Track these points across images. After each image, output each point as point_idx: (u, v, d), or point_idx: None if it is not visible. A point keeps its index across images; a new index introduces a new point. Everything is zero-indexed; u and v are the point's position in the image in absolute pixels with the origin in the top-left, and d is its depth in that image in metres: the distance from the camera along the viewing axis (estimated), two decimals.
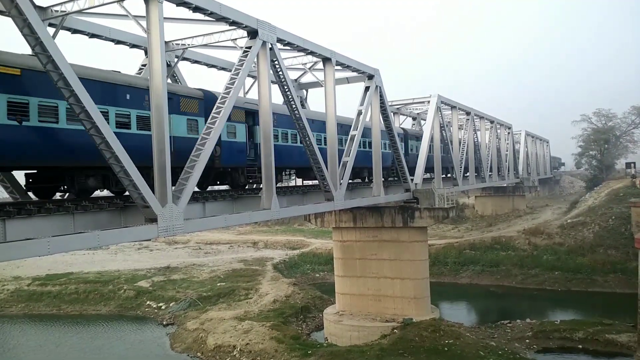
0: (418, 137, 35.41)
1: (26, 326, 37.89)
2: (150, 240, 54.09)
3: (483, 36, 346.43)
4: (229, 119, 17.10)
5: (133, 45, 21.36)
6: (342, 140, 25.05)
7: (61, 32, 17.80)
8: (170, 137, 14.24)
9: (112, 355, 30.78)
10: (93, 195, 15.52)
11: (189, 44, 21.46)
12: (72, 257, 54.60)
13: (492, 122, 54.14)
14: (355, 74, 26.08)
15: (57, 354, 31.57)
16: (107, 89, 14.59)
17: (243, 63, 16.73)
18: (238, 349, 28.45)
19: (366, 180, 30.91)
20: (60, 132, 13.17)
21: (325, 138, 23.45)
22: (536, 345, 28.82)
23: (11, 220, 11.45)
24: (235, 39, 19.32)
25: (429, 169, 35.72)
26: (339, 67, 23.67)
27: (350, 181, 25.41)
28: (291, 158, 23.51)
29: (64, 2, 15.89)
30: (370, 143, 27.71)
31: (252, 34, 17.24)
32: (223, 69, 26.13)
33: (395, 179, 32.88)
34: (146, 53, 19.14)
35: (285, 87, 19.29)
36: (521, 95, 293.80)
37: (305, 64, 27.37)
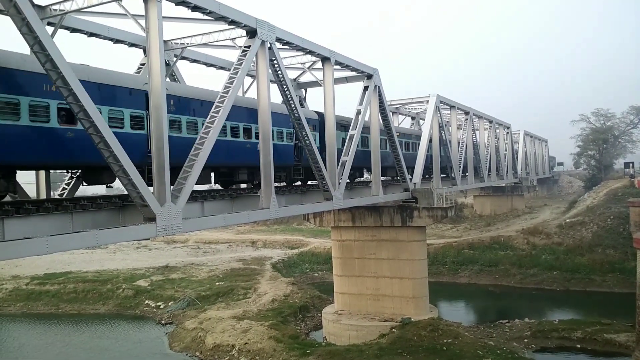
0: (347, 127, 25.57)
1: (26, 325, 37.84)
2: (149, 239, 54.04)
3: (480, 35, 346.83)
4: None
5: (132, 44, 21.36)
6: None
7: (60, 30, 17.80)
8: None
9: (111, 354, 30.77)
10: (91, 195, 15.53)
11: (187, 43, 21.45)
12: (71, 256, 54.56)
13: (490, 121, 54.18)
14: (354, 73, 26.08)
15: (65, 353, 31.53)
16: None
17: (242, 62, 16.72)
18: (237, 348, 28.45)
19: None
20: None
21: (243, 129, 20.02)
22: (534, 345, 28.87)
23: (10, 220, 11.44)
24: (234, 38, 19.34)
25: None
26: (337, 67, 23.67)
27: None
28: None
29: (63, 1, 15.88)
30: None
31: (251, 33, 17.24)
32: (222, 68, 26.12)
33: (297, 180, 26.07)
34: (145, 52, 19.12)
35: (284, 87, 19.29)
36: (520, 94, 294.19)
37: (304, 63, 27.38)
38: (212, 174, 20.40)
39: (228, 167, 20.22)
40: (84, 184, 16.51)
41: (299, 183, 25.62)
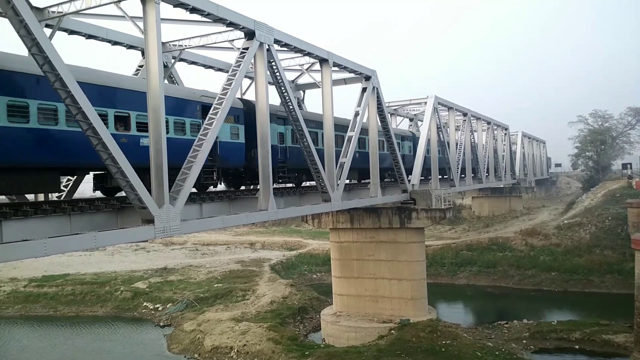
0: (285, 119, 22.36)
1: (25, 328, 37.70)
2: (147, 241, 54.04)
3: (478, 37, 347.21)
4: None
5: (130, 46, 21.36)
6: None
7: (58, 33, 17.79)
8: None
9: (113, 356, 30.76)
10: (89, 197, 15.51)
11: (186, 45, 21.45)
12: (69, 258, 54.45)
13: (488, 123, 54.27)
14: (352, 75, 26.11)
15: (68, 356, 31.45)
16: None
17: (240, 64, 16.74)
18: (235, 350, 28.42)
19: None
20: None
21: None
22: (533, 346, 28.87)
23: (8, 222, 11.44)
24: (233, 40, 19.33)
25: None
26: (336, 68, 23.69)
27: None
28: None
29: (61, 3, 15.86)
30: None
31: (249, 35, 17.26)
32: (220, 70, 26.14)
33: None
34: (143, 54, 19.12)
35: (283, 88, 19.31)
36: (518, 96, 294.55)
37: (303, 65, 27.41)
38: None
39: (67, 167, 14.57)
40: None
41: (216, 188, 21.01)
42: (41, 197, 16.09)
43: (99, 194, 16.65)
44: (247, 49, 17.10)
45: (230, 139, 19.44)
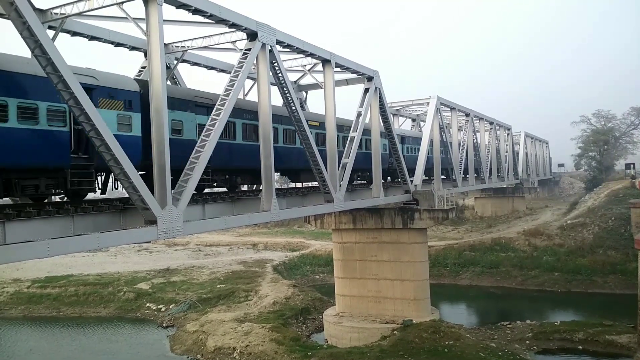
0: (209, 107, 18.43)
1: (30, 329, 37.79)
2: (150, 242, 54.14)
3: (480, 37, 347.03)
4: None
5: (133, 48, 21.40)
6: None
7: (61, 34, 17.84)
8: None
9: (117, 357, 30.85)
10: (92, 198, 15.53)
11: (188, 46, 21.48)
12: (72, 259, 54.54)
13: (491, 123, 54.20)
14: (354, 75, 26.12)
15: (74, 357, 31.53)
16: None
17: (242, 65, 16.75)
18: (238, 351, 28.44)
19: None
20: None
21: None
22: (536, 347, 28.81)
23: (11, 223, 11.46)
24: (235, 41, 19.36)
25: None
26: (338, 69, 23.69)
27: None
28: None
29: (64, 5, 15.92)
30: None
31: (252, 36, 17.28)
32: (223, 71, 26.16)
33: None
34: (146, 55, 19.16)
35: (285, 89, 19.33)
36: (520, 96, 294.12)
37: (305, 65, 27.41)
38: None
39: None
40: None
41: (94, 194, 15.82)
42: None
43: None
44: (249, 50, 17.12)
45: (118, 130, 14.34)
